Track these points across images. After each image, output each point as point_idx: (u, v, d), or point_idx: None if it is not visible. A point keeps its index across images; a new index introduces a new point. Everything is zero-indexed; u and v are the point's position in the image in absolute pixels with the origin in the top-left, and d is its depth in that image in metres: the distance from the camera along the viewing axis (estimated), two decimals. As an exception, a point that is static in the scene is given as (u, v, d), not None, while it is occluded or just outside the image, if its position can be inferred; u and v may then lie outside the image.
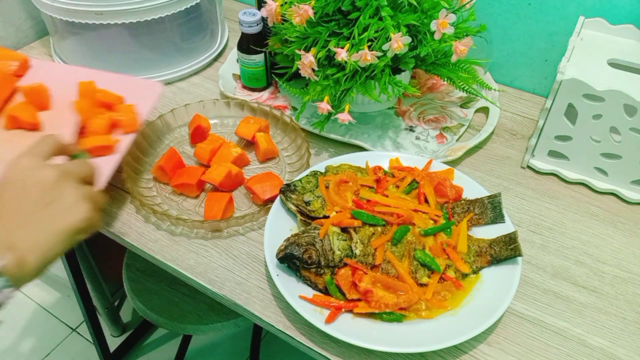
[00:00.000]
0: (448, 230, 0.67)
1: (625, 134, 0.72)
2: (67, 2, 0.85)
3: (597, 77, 0.71)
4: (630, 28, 0.80)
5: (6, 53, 0.82)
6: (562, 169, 0.79)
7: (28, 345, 1.53)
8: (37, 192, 0.53)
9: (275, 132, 0.86)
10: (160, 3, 0.87)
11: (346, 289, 0.60)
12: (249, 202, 0.76)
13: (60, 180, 0.54)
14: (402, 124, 0.88)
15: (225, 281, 0.66)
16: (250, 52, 0.89)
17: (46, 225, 0.53)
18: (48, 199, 0.53)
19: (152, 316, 1.02)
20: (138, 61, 0.95)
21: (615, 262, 0.69)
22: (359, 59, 0.72)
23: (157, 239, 0.71)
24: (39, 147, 0.57)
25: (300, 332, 0.61)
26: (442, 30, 0.72)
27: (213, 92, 0.97)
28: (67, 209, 0.54)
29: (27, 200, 0.53)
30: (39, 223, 0.52)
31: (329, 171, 0.73)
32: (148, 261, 0.72)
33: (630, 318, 0.63)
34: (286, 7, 0.77)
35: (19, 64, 0.80)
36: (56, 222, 0.53)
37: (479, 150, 0.84)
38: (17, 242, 0.50)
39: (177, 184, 0.75)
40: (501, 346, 0.60)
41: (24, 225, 0.52)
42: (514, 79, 0.97)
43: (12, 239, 0.51)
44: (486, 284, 0.63)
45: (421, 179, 0.72)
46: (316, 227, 0.65)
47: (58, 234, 0.53)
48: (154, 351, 1.52)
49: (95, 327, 1.34)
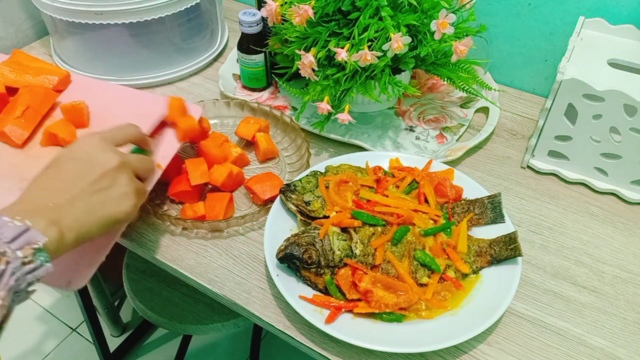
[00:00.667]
0: (448, 230, 0.67)
1: (625, 134, 0.72)
2: (67, 2, 0.85)
3: (597, 77, 0.71)
4: (630, 28, 0.80)
5: (48, 67, 0.81)
6: (562, 169, 0.79)
7: (28, 345, 1.53)
8: (97, 174, 0.54)
9: (275, 132, 0.86)
10: (160, 3, 0.87)
11: (346, 289, 0.60)
12: (249, 202, 0.76)
13: (120, 169, 0.56)
14: (402, 124, 0.88)
15: (225, 281, 0.66)
16: (250, 52, 0.89)
17: (93, 209, 0.53)
18: (104, 183, 0.54)
19: (152, 316, 1.02)
20: (138, 61, 0.95)
21: (615, 262, 0.69)
22: (359, 59, 0.72)
23: (157, 239, 0.71)
24: (114, 132, 0.59)
25: (300, 332, 0.61)
26: (442, 30, 0.72)
27: (213, 92, 0.97)
28: (117, 198, 0.55)
29: (85, 179, 0.53)
30: (88, 204, 0.53)
31: (329, 171, 0.73)
32: (148, 261, 0.72)
33: (630, 318, 0.63)
34: (286, 7, 0.77)
35: (58, 79, 0.79)
36: (104, 208, 0.54)
37: (479, 150, 0.84)
38: (62, 218, 0.50)
39: (175, 193, 0.73)
40: (501, 346, 0.60)
41: (74, 202, 0.52)
42: (514, 79, 0.97)
43: (59, 214, 0.50)
44: (486, 284, 0.63)
45: (421, 179, 0.72)
46: (316, 227, 0.65)
47: (100, 220, 0.53)
48: (154, 351, 1.52)
49: (95, 327, 1.34)
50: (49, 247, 0.47)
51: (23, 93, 0.75)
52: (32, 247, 0.46)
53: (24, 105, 0.74)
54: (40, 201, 0.51)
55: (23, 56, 0.82)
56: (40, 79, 0.79)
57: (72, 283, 0.61)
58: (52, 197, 0.52)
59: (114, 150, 0.57)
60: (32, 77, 0.79)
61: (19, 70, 0.79)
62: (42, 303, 1.63)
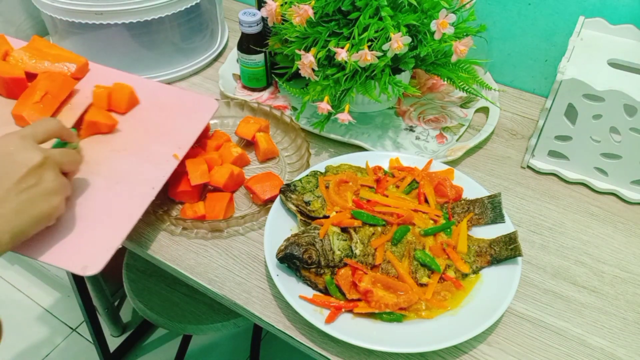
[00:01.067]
0: (448, 230, 0.67)
1: (625, 134, 0.72)
2: (67, 2, 0.85)
3: (597, 77, 0.71)
4: (630, 28, 0.80)
5: (66, 55, 0.81)
6: (562, 169, 0.79)
7: (28, 345, 1.53)
8: (21, 173, 0.54)
9: (275, 132, 0.86)
10: (160, 3, 0.87)
11: (346, 289, 0.60)
12: (249, 202, 0.76)
13: (44, 166, 0.55)
14: (402, 124, 0.88)
15: (225, 281, 0.66)
16: (250, 52, 0.89)
17: (23, 208, 0.53)
18: (31, 181, 0.54)
19: (152, 316, 1.02)
20: (138, 61, 0.95)
21: (615, 262, 0.69)
22: (359, 59, 0.72)
23: (157, 239, 0.71)
24: (34, 128, 0.58)
25: (300, 332, 0.61)
26: (442, 30, 0.72)
27: (213, 92, 0.97)
28: (44, 195, 0.55)
29: (10, 180, 0.53)
30: (17, 204, 0.53)
31: (329, 171, 0.73)
32: (148, 261, 0.72)
33: (630, 318, 0.63)
34: (286, 7, 0.77)
35: (77, 66, 0.79)
36: (34, 206, 0.54)
37: (479, 150, 0.84)
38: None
39: (175, 193, 0.73)
40: (501, 346, 0.60)
41: (2, 204, 0.52)
42: (514, 79, 0.97)
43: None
44: (486, 284, 0.63)
45: (421, 179, 0.72)
46: (316, 227, 0.65)
47: (32, 217, 0.54)
48: (154, 351, 1.52)
49: (95, 327, 1.34)
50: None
51: (42, 79, 0.74)
52: None
53: (42, 91, 0.73)
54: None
55: (42, 43, 0.81)
56: (59, 65, 0.78)
57: (87, 268, 0.59)
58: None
59: (35, 147, 0.56)
60: (51, 64, 0.78)
61: (37, 57, 0.79)
62: (42, 303, 1.63)
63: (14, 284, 1.68)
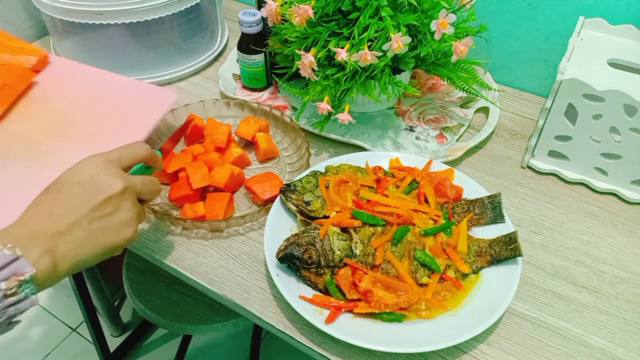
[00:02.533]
0: (448, 230, 0.67)
1: (625, 134, 0.72)
2: (67, 2, 0.85)
3: (597, 77, 0.71)
4: (630, 28, 0.80)
5: (27, 47, 0.81)
6: (562, 169, 0.79)
7: (28, 345, 1.53)
8: (99, 200, 0.51)
9: (275, 132, 0.86)
10: (160, 3, 0.87)
11: (346, 289, 0.60)
12: (249, 202, 0.76)
13: (123, 194, 0.53)
14: (402, 124, 0.88)
15: (225, 281, 0.66)
16: (250, 52, 0.89)
17: (93, 237, 0.51)
18: (107, 210, 0.52)
19: (152, 316, 1.02)
20: (138, 61, 0.95)
21: (615, 262, 0.69)
22: (359, 59, 0.72)
23: (157, 239, 0.71)
24: (121, 153, 0.56)
25: (300, 332, 0.61)
26: (442, 30, 0.72)
27: (213, 92, 0.97)
28: (118, 226, 0.53)
29: (87, 205, 0.51)
30: (88, 232, 0.50)
31: (329, 171, 0.73)
32: (148, 261, 0.72)
33: (630, 318, 0.63)
34: (286, 7, 0.77)
35: (37, 59, 0.79)
36: (104, 236, 0.52)
37: (479, 150, 0.84)
38: (59, 246, 0.48)
39: (176, 198, 0.73)
40: (501, 346, 0.60)
41: (73, 230, 0.50)
42: (514, 79, 0.97)
43: (56, 243, 0.48)
44: (486, 284, 0.63)
45: (421, 179, 0.72)
46: (316, 227, 0.65)
47: (99, 248, 0.51)
48: (154, 351, 1.52)
49: (95, 327, 1.34)
50: (38, 277, 0.45)
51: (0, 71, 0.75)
52: (19, 278, 0.43)
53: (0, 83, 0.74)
54: (38, 227, 0.48)
55: (4, 36, 0.82)
56: (19, 58, 0.78)
57: None
58: (51, 223, 0.49)
59: (119, 174, 0.54)
60: (10, 56, 0.78)
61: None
62: (42, 303, 1.63)
63: (14, 284, 1.67)
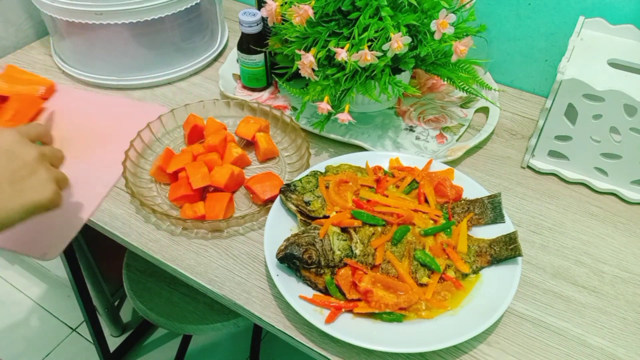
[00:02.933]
0: (448, 230, 0.67)
1: (625, 134, 0.72)
2: (67, 2, 0.85)
3: (597, 77, 0.71)
4: (630, 28, 0.80)
5: (37, 79, 0.94)
6: (562, 169, 0.79)
7: (28, 345, 1.53)
8: (17, 165, 0.57)
9: (275, 132, 0.86)
10: (160, 3, 0.87)
11: (346, 289, 0.60)
12: (249, 202, 0.76)
13: (38, 160, 0.59)
14: (402, 124, 0.88)
15: (225, 281, 0.66)
16: (250, 52, 0.89)
17: (13, 197, 0.56)
18: (24, 173, 0.58)
19: (152, 316, 1.02)
20: (138, 61, 0.95)
21: (615, 262, 0.69)
22: (359, 59, 0.72)
23: (157, 239, 0.71)
24: (28, 128, 0.64)
25: (300, 332, 0.61)
26: (442, 30, 0.72)
27: (213, 92, 0.97)
28: (37, 186, 0.58)
29: (6, 170, 0.57)
30: (7, 193, 0.56)
31: (329, 171, 0.73)
32: (148, 261, 0.72)
33: (630, 318, 0.63)
34: (286, 7, 0.77)
35: (45, 88, 0.92)
36: (23, 196, 0.57)
37: (479, 150, 0.84)
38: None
39: (176, 198, 0.73)
40: (501, 346, 0.60)
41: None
42: (514, 79, 0.97)
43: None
44: (486, 284, 0.63)
45: (421, 179, 0.72)
46: (316, 227, 0.65)
47: (21, 206, 0.57)
48: (154, 351, 1.52)
49: (95, 327, 1.34)
50: None
51: (13, 100, 0.86)
52: None
53: (13, 110, 0.85)
54: None
55: (16, 70, 0.95)
56: (29, 88, 0.91)
57: (47, 254, 0.70)
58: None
59: (30, 144, 0.61)
60: (22, 87, 0.91)
61: (11, 82, 0.91)
62: (42, 303, 1.63)
63: (14, 284, 1.68)
